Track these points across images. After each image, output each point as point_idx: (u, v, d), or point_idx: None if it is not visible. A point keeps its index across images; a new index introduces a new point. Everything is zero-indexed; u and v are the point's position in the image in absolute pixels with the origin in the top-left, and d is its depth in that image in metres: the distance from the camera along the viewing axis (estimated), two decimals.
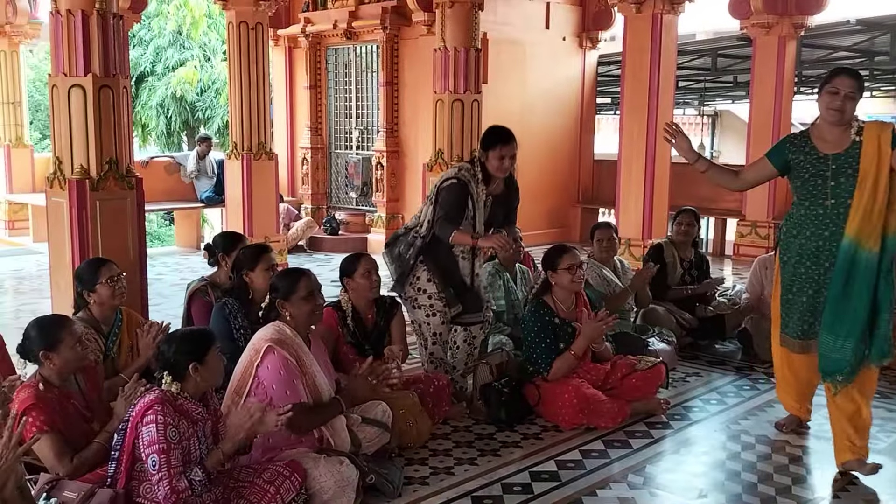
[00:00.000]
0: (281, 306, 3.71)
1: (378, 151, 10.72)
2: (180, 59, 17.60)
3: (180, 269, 9.60)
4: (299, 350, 3.65)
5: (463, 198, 4.55)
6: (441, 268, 4.71)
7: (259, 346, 3.61)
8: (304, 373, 3.61)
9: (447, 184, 4.60)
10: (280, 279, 3.83)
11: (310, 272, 3.86)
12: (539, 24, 10.93)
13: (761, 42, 9.88)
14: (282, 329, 3.67)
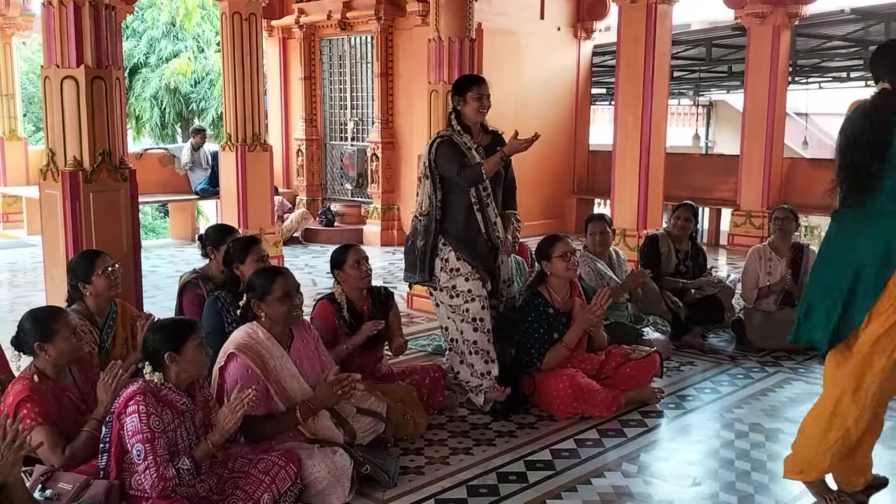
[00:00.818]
0: (256, 307, 3.66)
1: (373, 142, 10.70)
2: (174, 50, 17.53)
3: (175, 262, 9.60)
4: (267, 355, 3.60)
5: (457, 149, 4.54)
6: (463, 239, 4.61)
7: (226, 349, 3.61)
8: (268, 379, 3.56)
9: (435, 146, 4.59)
10: (256, 278, 3.77)
11: (287, 271, 3.82)
12: (534, 15, 10.91)
13: (756, 32, 9.88)
14: (254, 332, 3.64)
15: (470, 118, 4.61)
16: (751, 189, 10.16)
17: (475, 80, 4.66)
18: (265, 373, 3.54)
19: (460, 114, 4.63)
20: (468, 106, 4.59)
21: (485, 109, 4.60)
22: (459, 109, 4.62)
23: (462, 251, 4.57)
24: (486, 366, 4.54)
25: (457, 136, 4.59)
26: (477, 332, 4.54)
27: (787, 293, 5.99)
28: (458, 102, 4.62)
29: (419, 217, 4.67)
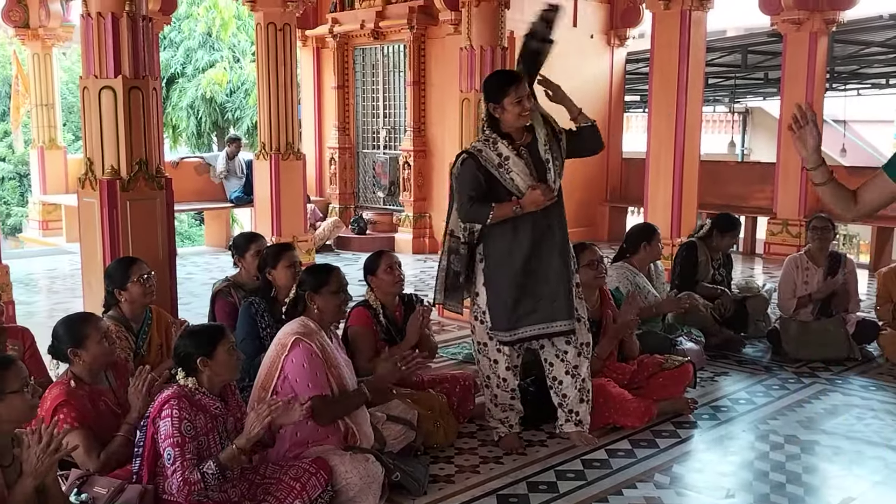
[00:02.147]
0: (310, 299, 3.73)
1: (405, 151, 10.75)
2: (210, 60, 17.77)
3: (210, 269, 9.70)
4: (324, 342, 3.68)
5: (478, 171, 3.96)
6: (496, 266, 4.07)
7: (286, 340, 3.64)
8: (329, 364, 3.62)
9: (455, 166, 4.08)
10: (310, 274, 3.86)
11: (339, 269, 3.90)
12: (566, 22, 10.86)
13: (792, 38, 9.75)
14: (306, 323, 3.70)
15: (511, 124, 3.98)
16: (787, 197, 10.02)
17: (511, 82, 3.96)
18: (325, 358, 3.62)
19: (497, 121, 4.01)
20: (508, 113, 3.94)
21: (527, 113, 3.94)
22: (498, 117, 4.00)
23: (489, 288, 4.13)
24: (505, 413, 4.29)
25: (488, 147, 3.99)
26: (499, 388, 4.26)
27: (823, 303, 5.90)
28: (493, 110, 3.99)
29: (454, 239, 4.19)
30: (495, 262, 4.07)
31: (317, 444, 3.59)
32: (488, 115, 4.04)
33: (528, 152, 4.00)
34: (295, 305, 3.81)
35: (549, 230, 4.04)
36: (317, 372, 3.54)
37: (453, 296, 4.25)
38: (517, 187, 3.96)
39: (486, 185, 3.97)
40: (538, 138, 4.02)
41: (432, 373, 4.82)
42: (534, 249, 4.01)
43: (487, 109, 4.02)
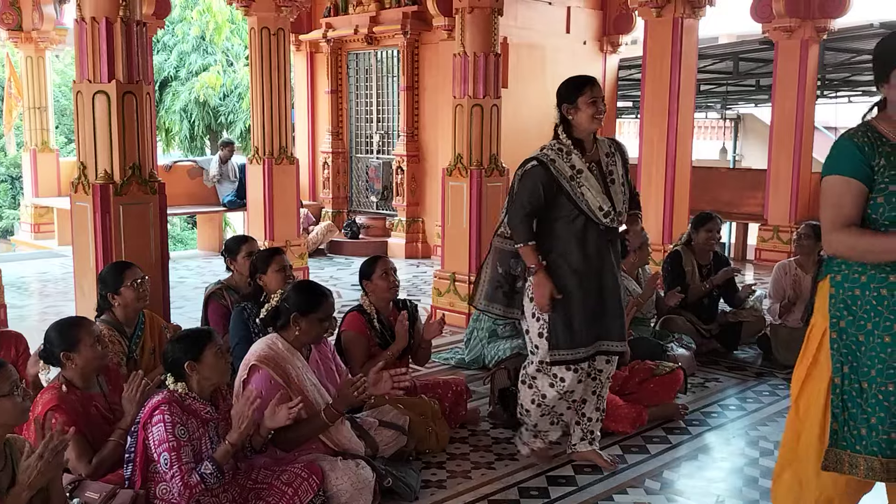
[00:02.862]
0: (295, 320, 3.64)
1: (398, 156, 10.77)
2: (203, 64, 17.76)
3: (202, 273, 9.69)
4: (288, 366, 3.60)
5: (545, 182, 3.77)
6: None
7: (247, 361, 3.62)
8: (291, 388, 3.56)
9: (523, 169, 3.86)
10: (300, 294, 3.73)
11: (331, 296, 3.79)
12: (559, 28, 10.93)
13: (784, 46, 9.81)
14: (274, 344, 3.65)
15: (583, 128, 3.80)
16: (778, 203, 10.07)
17: (587, 81, 3.84)
18: (287, 383, 3.57)
19: (570, 125, 3.84)
20: (581, 113, 3.77)
21: (601, 115, 3.80)
22: (570, 119, 3.82)
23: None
24: (551, 427, 4.12)
25: (561, 158, 3.80)
26: (561, 400, 4.02)
27: None
28: (567, 111, 3.82)
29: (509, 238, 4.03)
30: (559, 277, 3.84)
31: (305, 451, 3.59)
32: (561, 119, 3.86)
33: (598, 169, 3.85)
34: (276, 317, 3.72)
35: (607, 245, 3.89)
36: (270, 400, 3.46)
37: (497, 298, 4.09)
38: (587, 203, 3.77)
39: (549, 196, 3.79)
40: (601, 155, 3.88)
41: (424, 378, 4.84)
42: (598, 265, 3.87)
43: (560, 112, 3.85)
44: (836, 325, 2.60)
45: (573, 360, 3.87)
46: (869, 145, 2.55)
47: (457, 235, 6.97)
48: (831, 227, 2.55)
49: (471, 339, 5.79)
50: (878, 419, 2.53)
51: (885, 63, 2.61)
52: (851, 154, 2.55)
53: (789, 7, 9.46)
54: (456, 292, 6.98)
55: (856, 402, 2.56)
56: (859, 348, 2.56)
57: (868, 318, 2.55)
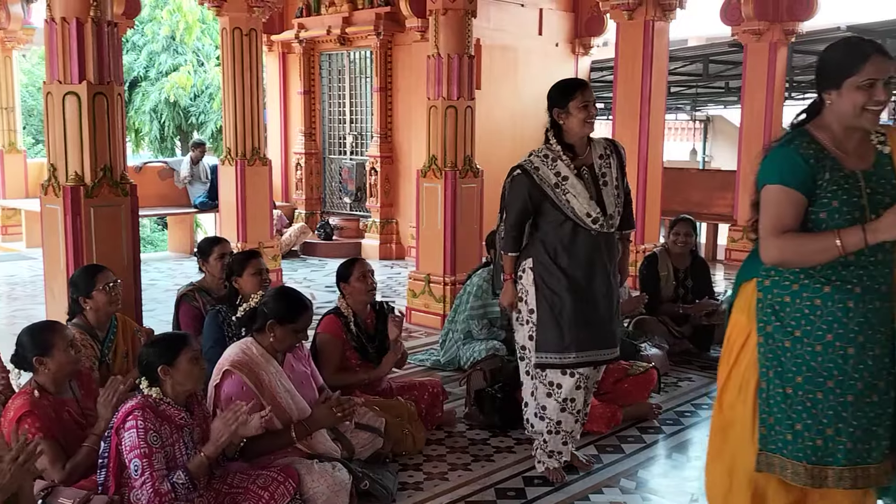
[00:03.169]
0: (271, 327, 3.62)
1: (372, 157, 10.74)
2: (174, 64, 17.59)
3: (174, 275, 9.61)
4: (262, 372, 3.58)
5: (531, 190, 3.74)
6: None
7: (221, 365, 3.60)
8: (263, 396, 3.53)
9: (510, 177, 3.84)
10: (282, 301, 3.69)
11: (310, 308, 3.75)
12: (532, 30, 10.97)
13: (753, 48, 9.93)
14: (248, 349, 3.62)
15: (575, 132, 3.76)
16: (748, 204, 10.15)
17: (578, 85, 3.79)
18: (260, 389, 3.54)
19: (561, 129, 3.79)
20: (573, 118, 3.72)
21: (592, 119, 3.75)
22: (561, 124, 3.77)
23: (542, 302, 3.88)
24: (563, 445, 4.00)
25: (546, 165, 3.76)
26: (565, 412, 3.91)
27: None
28: (558, 115, 3.77)
29: None
30: (550, 281, 3.80)
31: (280, 455, 3.57)
32: (552, 123, 3.81)
33: (590, 173, 3.78)
34: (252, 319, 3.69)
35: (600, 251, 3.81)
36: (245, 402, 3.45)
37: None
38: (573, 210, 3.71)
39: (536, 203, 3.77)
40: (594, 157, 3.81)
41: (400, 380, 4.83)
42: (588, 270, 3.79)
43: (551, 117, 3.80)
44: (763, 330, 2.64)
45: (561, 365, 3.80)
46: (814, 157, 2.54)
47: (431, 237, 6.98)
48: (769, 234, 2.55)
49: (446, 341, 5.80)
50: (803, 426, 2.57)
51: (839, 70, 2.55)
52: (796, 165, 2.54)
53: (758, 10, 9.58)
54: (431, 294, 6.98)
55: (781, 407, 2.61)
56: (784, 354, 2.59)
57: (797, 325, 2.58)
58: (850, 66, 2.53)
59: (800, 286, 2.56)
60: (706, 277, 6.32)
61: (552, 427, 3.91)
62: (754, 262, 2.69)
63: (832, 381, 2.54)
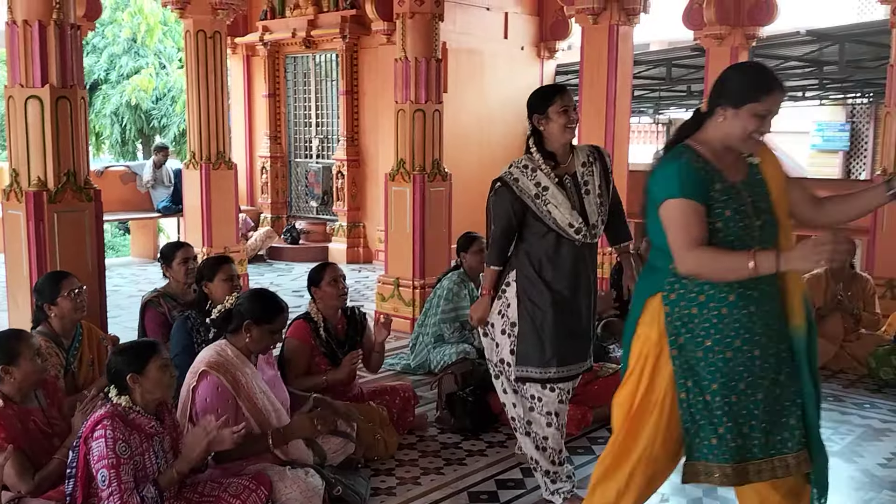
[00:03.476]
0: (247, 328, 3.60)
1: (339, 160, 10.70)
2: (135, 66, 17.34)
3: (137, 281, 9.49)
4: (237, 373, 3.56)
5: (512, 204, 3.65)
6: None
7: (196, 368, 3.57)
8: (239, 396, 3.52)
9: (493, 190, 3.75)
10: (258, 302, 3.69)
11: (287, 310, 3.76)
12: (498, 34, 11.02)
13: (714, 52, 10.05)
14: (223, 350, 3.61)
15: (556, 139, 3.64)
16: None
17: (557, 90, 3.68)
18: (237, 390, 3.52)
19: (542, 136, 3.67)
20: (553, 124, 3.61)
21: (573, 125, 3.64)
22: (541, 130, 3.66)
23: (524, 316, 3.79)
24: (564, 467, 3.86)
25: (525, 176, 3.65)
26: (551, 427, 3.78)
27: None
28: (538, 122, 3.65)
29: None
30: (534, 293, 3.69)
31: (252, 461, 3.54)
32: (533, 131, 3.69)
33: (573, 181, 3.67)
34: (226, 321, 3.67)
35: (584, 262, 3.73)
36: (219, 409, 3.43)
37: None
38: (555, 220, 3.61)
39: (519, 216, 3.67)
40: (577, 165, 3.70)
41: (371, 385, 4.82)
42: (573, 282, 3.70)
43: (532, 124, 3.68)
44: (675, 343, 2.69)
45: (541, 379, 3.71)
46: (704, 170, 2.63)
47: (400, 240, 6.97)
48: (684, 248, 2.59)
49: (416, 345, 5.79)
50: (725, 429, 2.67)
51: (743, 92, 2.61)
52: (691, 178, 2.60)
53: (720, 15, 9.70)
54: (400, 297, 6.97)
55: (703, 414, 2.69)
56: (699, 364, 2.67)
57: (707, 334, 2.66)
58: (755, 92, 2.61)
59: (706, 297, 2.65)
60: None
61: (539, 443, 3.78)
62: (655, 276, 2.75)
63: (743, 383, 2.66)
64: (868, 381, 5.63)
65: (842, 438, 4.62)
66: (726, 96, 2.65)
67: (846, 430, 4.75)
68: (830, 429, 4.75)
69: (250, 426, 3.46)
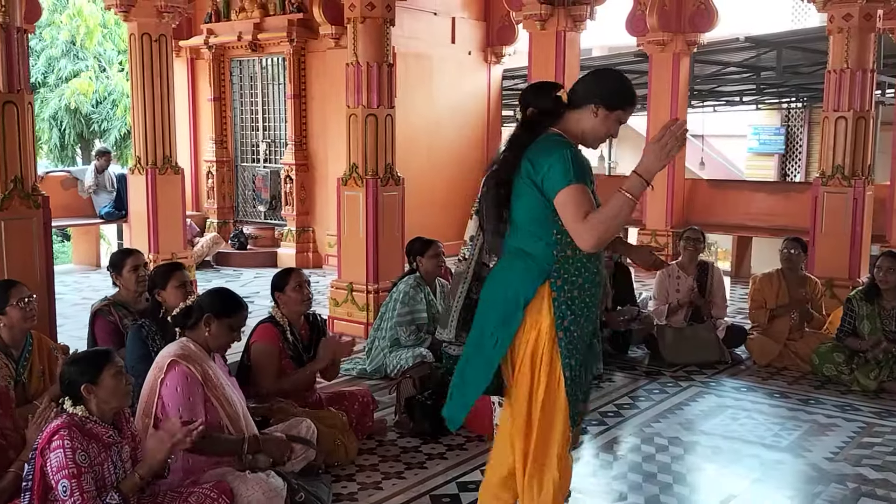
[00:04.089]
0: (207, 321, 3.61)
1: (287, 164, 10.61)
2: (74, 69, 16.96)
3: (80, 289, 9.28)
4: (204, 364, 3.58)
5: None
6: None
7: (162, 362, 3.54)
8: (209, 385, 3.53)
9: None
10: (221, 296, 3.74)
11: (247, 308, 3.79)
12: (445, 39, 11.07)
13: (657, 59, 10.29)
14: (186, 345, 3.61)
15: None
16: (655, 208, 10.53)
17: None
18: (205, 380, 3.52)
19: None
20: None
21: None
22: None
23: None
24: None
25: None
26: None
27: (695, 309, 6.26)
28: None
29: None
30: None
31: (211, 468, 3.51)
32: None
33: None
34: (186, 316, 3.66)
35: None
36: (190, 397, 3.43)
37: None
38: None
39: None
40: None
41: (329, 390, 4.80)
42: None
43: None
44: (561, 325, 2.85)
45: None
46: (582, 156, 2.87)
47: (353, 245, 6.95)
48: (578, 222, 2.74)
49: (372, 349, 5.79)
50: (582, 397, 2.97)
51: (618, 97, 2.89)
52: (582, 163, 2.82)
53: (662, 22, 9.93)
54: (354, 302, 6.96)
55: (578, 386, 2.90)
56: (578, 342, 2.87)
57: (582, 314, 2.89)
58: (624, 100, 2.93)
59: (582, 279, 2.86)
60: (628, 285, 6.52)
61: None
62: (530, 262, 2.86)
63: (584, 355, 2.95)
64: (811, 377, 5.81)
65: (789, 434, 4.77)
66: (604, 97, 2.89)
67: (793, 426, 4.90)
68: (778, 424, 4.91)
69: (219, 417, 3.45)
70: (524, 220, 2.88)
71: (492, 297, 2.96)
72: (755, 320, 6.34)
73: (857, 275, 7.35)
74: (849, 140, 7.28)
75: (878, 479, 4.11)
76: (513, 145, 2.93)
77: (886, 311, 5.62)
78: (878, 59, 7.54)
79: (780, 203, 9.80)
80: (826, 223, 7.47)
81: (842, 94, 7.24)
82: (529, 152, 2.85)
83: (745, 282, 8.68)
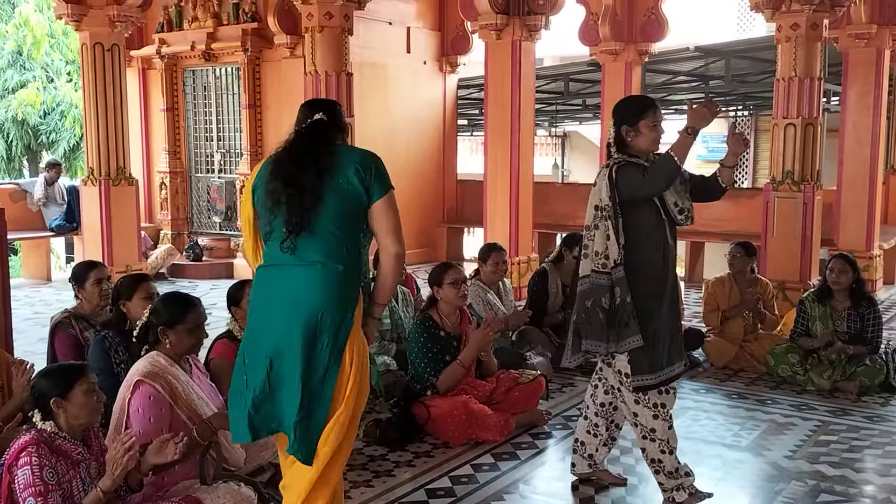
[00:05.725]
0: (163, 333, 3.54)
1: (242, 175, 10.49)
2: (21, 80, 16.60)
3: (32, 303, 9.06)
4: (173, 380, 3.51)
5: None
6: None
7: (131, 379, 3.49)
8: (177, 404, 3.47)
9: (612, 171, 3.67)
10: (165, 305, 3.64)
11: (200, 304, 3.70)
12: (400, 48, 11.11)
13: (610, 68, 10.45)
14: (155, 360, 3.54)
15: (643, 150, 3.71)
16: None
17: (650, 104, 3.71)
18: (174, 397, 3.46)
19: (625, 145, 3.70)
20: (642, 137, 3.67)
21: (660, 139, 3.71)
22: (629, 141, 3.69)
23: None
24: (685, 465, 3.86)
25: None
26: (657, 419, 3.79)
27: None
28: (627, 133, 3.68)
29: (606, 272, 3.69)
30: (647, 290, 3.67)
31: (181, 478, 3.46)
32: (618, 139, 3.71)
33: None
34: (146, 333, 3.60)
35: (673, 252, 3.76)
36: (150, 418, 3.38)
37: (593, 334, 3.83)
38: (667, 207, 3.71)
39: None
40: None
41: None
42: (671, 273, 3.74)
43: (618, 132, 3.69)
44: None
45: (653, 385, 3.74)
46: None
47: None
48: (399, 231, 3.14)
49: None
50: None
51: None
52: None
53: (614, 31, 10.10)
54: None
55: None
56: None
57: None
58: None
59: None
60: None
61: (665, 447, 3.79)
62: (351, 274, 3.06)
63: None
64: (767, 378, 5.94)
65: (749, 433, 4.87)
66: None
67: (752, 426, 5.00)
68: (738, 424, 5.01)
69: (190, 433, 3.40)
70: None
71: None
72: (709, 323, 6.47)
73: (808, 277, 7.53)
74: (798, 146, 7.48)
75: (835, 476, 4.22)
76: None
77: (838, 311, 5.77)
78: (823, 67, 7.75)
79: (731, 209, 10.00)
80: (777, 227, 7.65)
81: (790, 102, 7.43)
82: None
83: (699, 287, 8.83)
